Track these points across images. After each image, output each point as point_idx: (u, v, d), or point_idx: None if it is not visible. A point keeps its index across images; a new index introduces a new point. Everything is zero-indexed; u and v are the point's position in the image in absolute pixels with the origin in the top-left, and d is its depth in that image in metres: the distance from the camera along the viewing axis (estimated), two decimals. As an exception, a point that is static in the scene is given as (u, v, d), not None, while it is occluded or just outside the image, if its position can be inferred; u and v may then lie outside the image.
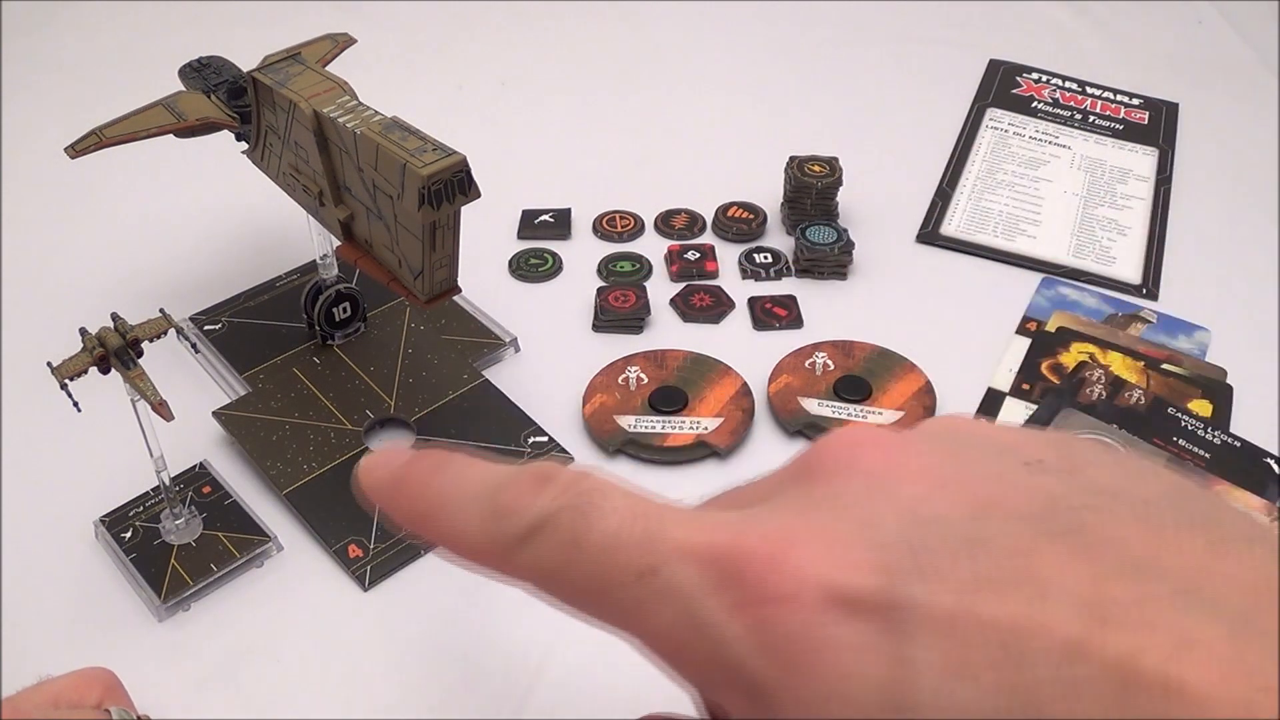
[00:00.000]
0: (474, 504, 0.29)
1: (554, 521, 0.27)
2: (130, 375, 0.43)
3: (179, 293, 0.62)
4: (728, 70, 0.84)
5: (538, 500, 0.27)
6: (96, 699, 0.39)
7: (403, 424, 0.54)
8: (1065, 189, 0.72)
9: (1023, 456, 0.26)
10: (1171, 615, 0.21)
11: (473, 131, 0.74)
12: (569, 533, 0.26)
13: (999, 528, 0.23)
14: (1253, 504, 0.50)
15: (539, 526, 0.27)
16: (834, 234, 0.64)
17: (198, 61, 0.58)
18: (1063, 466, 0.25)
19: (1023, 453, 0.26)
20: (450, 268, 0.46)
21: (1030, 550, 0.23)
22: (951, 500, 0.24)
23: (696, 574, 0.25)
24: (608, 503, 0.27)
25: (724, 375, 0.56)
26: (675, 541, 0.25)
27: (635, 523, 0.26)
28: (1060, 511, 0.24)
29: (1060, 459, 0.26)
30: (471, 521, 0.28)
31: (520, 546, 0.27)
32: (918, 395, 0.55)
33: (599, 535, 0.26)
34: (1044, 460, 0.25)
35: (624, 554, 0.26)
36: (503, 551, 0.28)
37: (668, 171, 0.73)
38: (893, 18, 0.90)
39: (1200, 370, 0.58)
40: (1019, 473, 0.25)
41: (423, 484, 0.31)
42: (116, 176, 0.69)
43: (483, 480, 0.29)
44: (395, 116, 0.45)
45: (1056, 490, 0.24)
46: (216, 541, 0.48)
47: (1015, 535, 0.23)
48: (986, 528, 0.23)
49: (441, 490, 0.30)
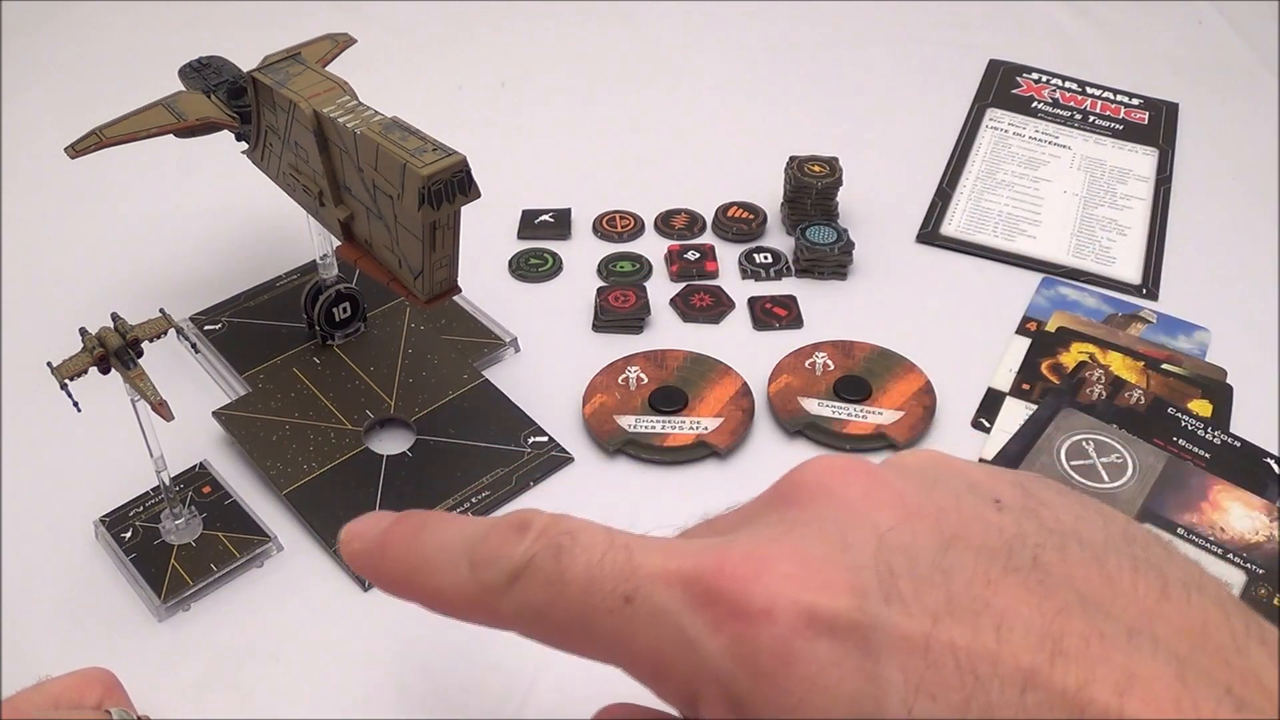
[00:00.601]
0: (455, 559, 0.30)
1: (534, 564, 0.28)
2: (130, 375, 0.43)
3: (179, 293, 0.62)
4: (728, 70, 0.84)
5: (518, 547, 0.28)
6: (96, 699, 0.39)
7: (403, 424, 0.54)
8: (1065, 189, 0.72)
9: (990, 494, 0.27)
10: (1120, 652, 0.23)
11: (473, 131, 0.74)
12: (550, 571, 0.28)
13: (965, 559, 0.25)
14: (1253, 504, 0.50)
15: (520, 571, 0.28)
16: (834, 234, 0.64)
17: (198, 61, 0.58)
18: (1026, 506, 0.27)
19: (990, 491, 0.28)
20: (450, 268, 0.46)
21: (993, 582, 0.24)
22: (922, 531, 0.26)
23: (676, 595, 0.26)
24: (583, 539, 0.28)
25: (724, 375, 0.56)
26: (651, 568, 0.27)
27: (611, 554, 0.27)
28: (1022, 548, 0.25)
29: (1024, 499, 0.27)
30: (454, 576, 0.30)
31: (504, 593, 0.28)
32: (918, 395, 0.55)
33: (578, 569, 0.27)
34: (1009, 499, 0.27)
35: (603, 585, 0.27)
36: (488, 600, 0.29)
37: (668, 171, 0.73)
38: (893, 18, 0.90)
39: (1200, 370, 0.58)
40: (986, 509, 0.27)
41: (404, 548, 0.32)
42: (116, 176, 0.69)
43: (462, 535, 0.30)
44: (395, 116, 0.45)
45: (1019, 528, 0.26)
46: (216, 541, 0.48)
47: (980, 568, 0.25)
48: (953, 559, 0.25)
49: (422, 551, 0.31)
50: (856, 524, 0.26)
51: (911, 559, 0.25)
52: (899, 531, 0.26)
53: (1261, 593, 0.46)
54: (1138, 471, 0.51)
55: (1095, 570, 0.25)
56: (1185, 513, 0.49)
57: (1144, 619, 0.24)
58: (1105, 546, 0.26)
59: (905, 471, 0.29)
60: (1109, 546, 0.26)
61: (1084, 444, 0.53)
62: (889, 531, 0.26)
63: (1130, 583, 0.25)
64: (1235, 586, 0.46)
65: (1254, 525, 0.49)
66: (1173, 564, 0.26)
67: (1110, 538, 0.26)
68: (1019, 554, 0.25)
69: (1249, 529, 0.49)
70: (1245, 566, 0.47)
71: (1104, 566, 0.25)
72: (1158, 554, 0.26)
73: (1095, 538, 0.26)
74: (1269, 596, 0.46)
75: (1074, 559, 0.25)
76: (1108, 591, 0.25)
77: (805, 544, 0.26)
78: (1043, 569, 0.25)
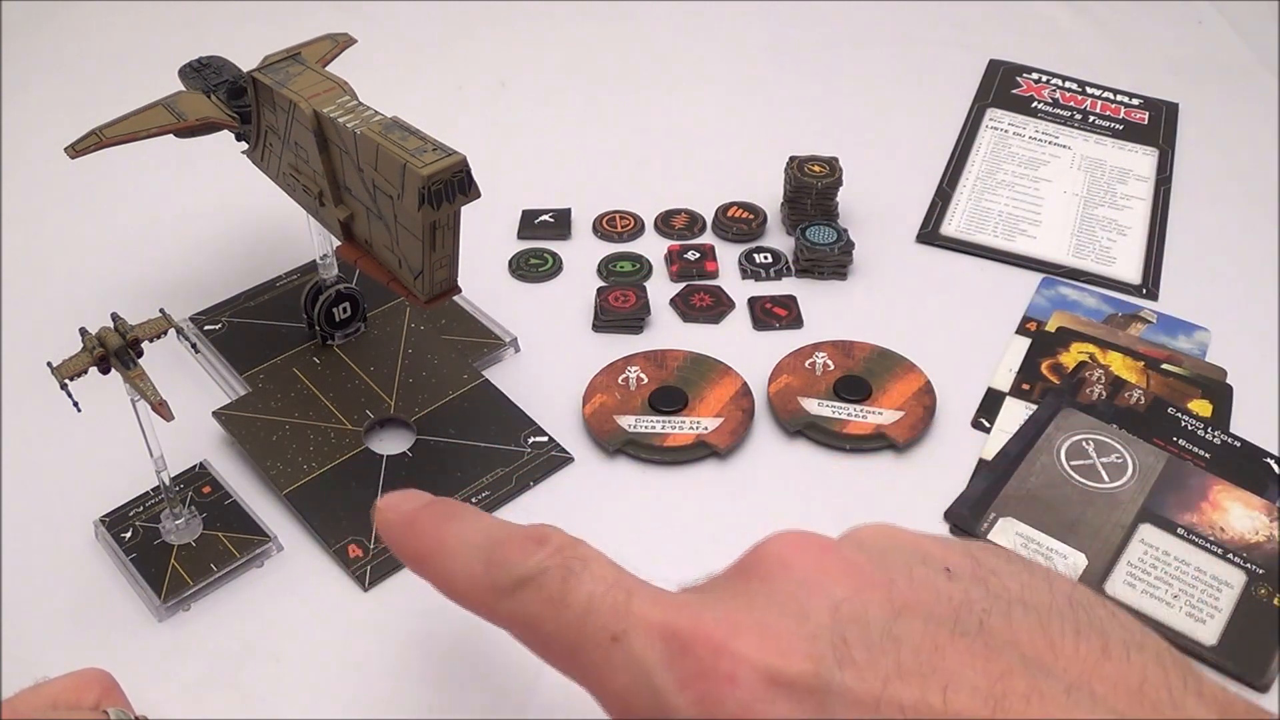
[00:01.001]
0: (473, 553, 0.33)
1: (541, 578, 0.31)
2: (130, 375, 0.43)
3: (179, 293, 0.62)
4: (728, 70, 0.84)
5: (531, 558, 0.31)
6: (94, 700, 0.39)
7: (403, 424, 0.54)
8: (1065, 189, 0.72)
9: (941, 563, 0.30)
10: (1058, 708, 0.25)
11: (473, 131, 0.74)
12: (555, 590, 0.30)
13: (914, 627, 0.27)
14: (1253, 504, 0.50)
15: (527, 580, 0.31)
16: (834, 234, 0.64)
17: (198, 61, 0.58)
18: (974, 574, 0.30)
19: (941, 560, 0.30)
20: (450, 268, 0.46)
21: (940, 647, 0.27)
22: (874, 601, 0.28)
23: (655, 648, 0.28)
24: (592, 569, 0.31)
25: (724, 375, 0.56)
26: (642, 614, 0.29)
27: (612, 592, 0.30)
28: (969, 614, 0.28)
29: (974, 567, 0.30)
30: (468, 568, 0.33)
31: (507, 595, 0.31)
32: (918, 395, 0.55)
33: (579, 597, 0.30)
34: (959, 568, 0.30)
35: (597, 618, 0.29)
36: (490, 598, 0.32)
37: (668, 171, 0.73)
38: (893, 18, 0.90)
39: (1200, 370, 0.58)
40: (936, 579, 0.29)
41: (431, 529, 0.35)
42: (116, 176, 0.69)
43: (485, 533, 0.33)
44: (395, 116, 0.45)
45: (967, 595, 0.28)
46: (216, 541, 0.48)
47: (928, 634, 0.27)
48: (903, 626, 0.27)
49: (446, 536, 0.34)
50: (813, 596, 0.29)
51: (864, 627, 0.27)
52: (852, 602, 0.28)
53: (1262, 593, 0.46)
54: (1138, 471, 0.51)
55: (1039, 633, 0.27)
56: (1185, 513, 0.49)
57: (1084, 677, 0.26)
58: (1049, 610, 0.28)
59: (860, 545, 0.31)
60: (1053, 610, 0.28)
61: (1084, 444, 0.52)
62: (843, 602, 0.28)
63: (1072, 644, 0.27)
64: (1235, 586, 0.46)
65: (1254, 525, 0.49)
66: (1115, 624, 0.28)
67: (1055, 602, 0.28)
68: (966, 620, 0.28)
69: (1249, 529, 0.49)
70: (1245, 566, 0.47)
71: (1047, 629, 0.27)
72: (1100, 616, 0.28)
73: (1040, 602, 0.28)
74: (1269, 596, 0.46)
75: (1018, 623, 0.28)
76: (1049, 653, 0.27)
77: (768, 614, 0.28)
78: (988, 633, 0.27)
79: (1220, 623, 0.45)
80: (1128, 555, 0.48)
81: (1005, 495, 0.50)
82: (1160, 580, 0.47)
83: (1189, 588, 0.46)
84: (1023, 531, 0.49)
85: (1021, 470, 0.51)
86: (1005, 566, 0.30)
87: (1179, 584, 0.47)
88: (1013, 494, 0.50)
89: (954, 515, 0.50)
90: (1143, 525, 0.49)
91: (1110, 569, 0.47)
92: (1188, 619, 0.46)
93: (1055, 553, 0.48)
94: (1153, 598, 0.46)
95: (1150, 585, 0.47)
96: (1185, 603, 0.46)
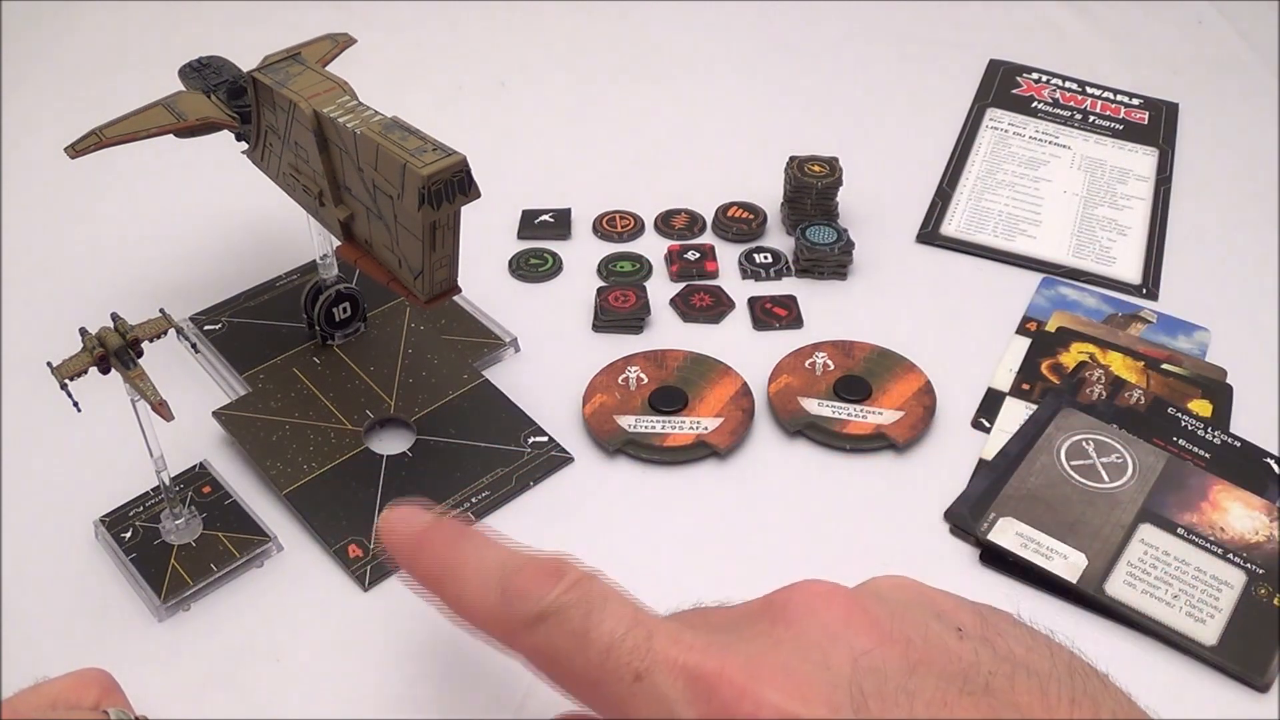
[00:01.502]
0: (488, 579, 0.34)
1: (564, 614, 0.32)
2: (130, 375, 0.43)
3: (179, 293, 0.62)
4: (728, 70, 0.84)
5: (550, 591, 0.32)
6: (94, 700, 0.39)
7: (403, 424, 0.54)
8: (1065, 189, 0.72)
9: (954, 623, 0.32)
10: None
11: (473, 131, 0.74)
12: (577, 626, 0.31)
13: (928, 683, 0.29)
14: (1253, 504, 0.50)
15: (548, 615, 0.32)
16: (834, 234, 0.64)
17: (198, 61, 0.58)
18: (985, 635, 0.32)
19: (954, 619, 0.32)
20: (450, 268, 0.46)
21: (949, 704, 0.29)
22: (892, 656, 0.30)
23: (679, 686, 0.30)
24: (611, 607, 0.32)
25: (724, 375, 0.56)
26: (664, 654, 0.30)
27: (635, 631, 0.31)
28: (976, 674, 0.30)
29: (983, 628, 0.32)
30: (483, 595, 0.34)
31: (530, 627, 0.32)
32: (918, 395, 0.55)
33: (603, 634, 0.31)
34: (970, 627, 0.32)
35: (620, 656, 0.30)
36: (511, 629, 0.33)
37: (668, 171, 0.73)
38: (893, 18, 0.90)
39: (1200, 370, 0.58)
40: (948, 638, 0.31)
41: (442, 552, 0.36)
42: (116, 176, 0.69)
43: (498, 560, 0.34)
44: (395, 116, 0.45)
45: (976, 656, 0.31)
46: (216, 541, 0.48)
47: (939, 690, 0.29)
48: (917, 682, 0.29)
49: (458, 562, 0.35)
50: (836, 646, 0.30)
51: (881, 680, 0.29)
52: (872, 656, 0.30)
53: (1262, 592, 0.46)
54: (1138, 471, 0.51)
55: (1038, 697, 0.29)
56: (1185, 513, 0.49)
57: None
58: (1049, 676, 0.30)
59: (880, 598, 0.33)
60: (1053, 676, 0.30)
61: (1084, 444, 0.52)
62: (863, 655, 0.30)
63: (1067, 710, 0.29)
64: (1235, 586, 0.46)
65: (1254, 525, 0.49)
66: (1106, 695, 0.31)
67: (1055, 669, 0.31)
68: (974, 679, 0.30)
69: (1249, 529, 0.49)
70: (1245, 566, 0.47)
71: (1046, 694, 0.30)
72: (1095, 686, 0.31)
73: (1042, 668, 0.31)
74: (1269, 596, 0.46)
75: (1021, 686, 0.30)
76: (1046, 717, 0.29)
77: (792, 660, 0.30)
78: (993, 693, 0.29)
79: (1220, 623, 0.45)
80: (1128, 555, 0.48)
81: (1005, 495, 0.50)
82: (1160, 580, 0.47)
83: (1189, 588, 0.46)
84: (1023, 531, 0.49)
85: (1021, 470, 0.51)
86: (1011, 629, 0.32)
87: (1179, 584, 0.47)
88: (1013, 494, 0.50)
89: (954, 515, 0.50)
90: (1143, 525, 0.49)
91: (1110, 569, 0.47)
92: (1188, 619, 0.46)
93: (1055, 552, 0.48)
94: (1153, 598, 0.46)
95: (1150, 585, 0.47)
96: (1185, 603, 0.46)
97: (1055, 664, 0.31)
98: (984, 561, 0.49)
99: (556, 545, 0.49)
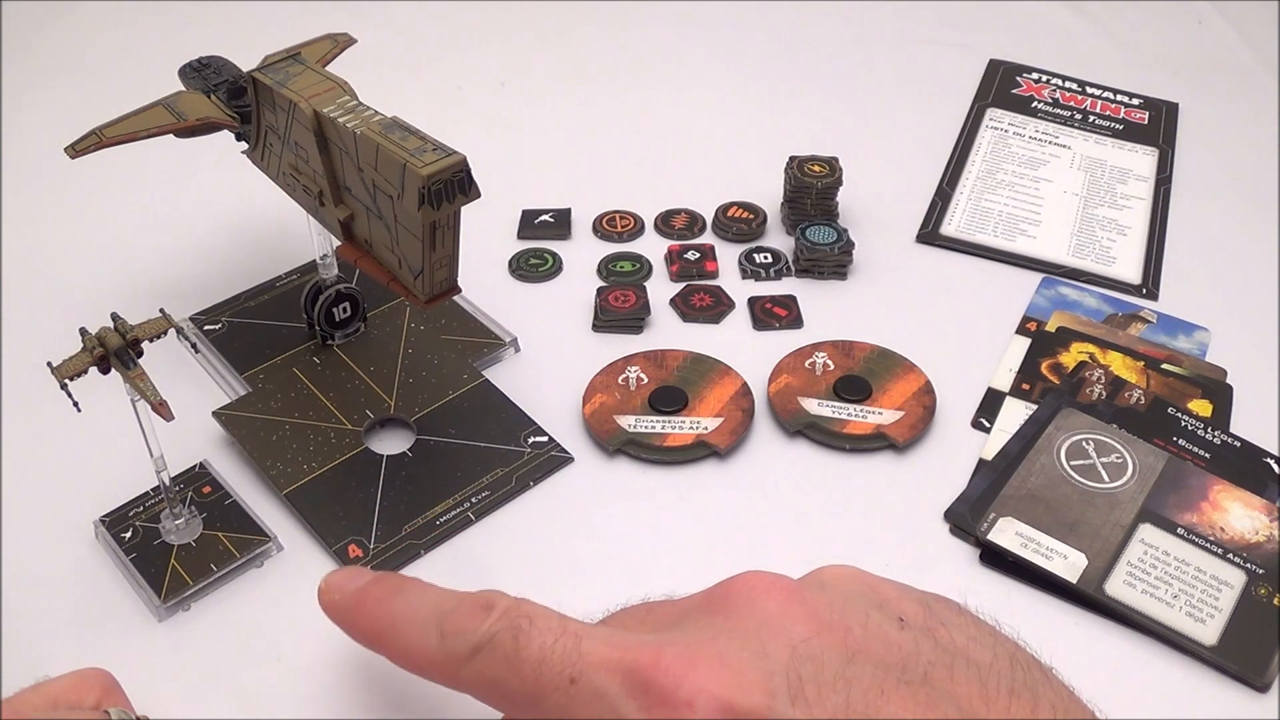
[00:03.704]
0: (425, 626, 0.35)
1: (495, 641, 0.33)
2: (130, 375, 0.43)
3: (179, 293, 0.62)
4: (728, 70, 0.84)
5: (482, 624, 0.33)
6: (94, 700, 0.39)
7: (403, 424, 0.54)
8: (1065, 189, 0.72)
9: (896, 612, 0.32)
10: None
11: (473, 131, 0.74)
12: (509, 649, 0.32)
13: (864, 672, 0.30)
14: (1253, 504, 0.50)
15: (481, 646, 0.33)
16: (834, 234, 0.64)
17: (198, 61, 0.58)
18: (927, 625, 0.32)
19: (897, 609, 0.32)
20: (450, 268, 0.46)
21: (886, 692, 0.29)
22: (830, 644, 0.30)
23: (615, 681, 0.30)
24: (539, 624, 0.32)
25: (724, 375, 0.56)
26: (595, 656, 0.31)
27: (562, 640, 0.32)
28: (916, 664, 0.30)
29: (926, 618, 0.32)
30: (423, 641, 0.35)
31: (466, 662, 0.33)
32: (917, 395, 0.55)
33: (532, 650, 0.32)
34: (912, 617, 0.32)
35: (553, 666, 0.31)
36: (450, 666, 0.34)
37: (668, 171, 0.73)
38: (893, 18, 0.90)
39: (1200, 370, 0.58)
40: (889, 627, 0.32)
41: (378, 607, 0.37)
42: (116, 176, 0.69)
43: (433, 606, 0.35)
44: (395, 116, 0.45)
45: (916, 646, 0.31)
46: (216, 541, 0.48)
47: (876, 679, 0.29)
48: (855, 670, 0.30)
49: (396, 614, 0.36)
50: (774, 634, 0.31)
51: (818, 668, 0.30)
52: (810, 644, 0.30)
53: (1262, 592, 0.46)
54: (1138, 471, 0.51)
55: (977, 689, 0.30)
56: (1185, 513, 0.49)
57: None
58: (990, 668, 0.31)
59: (823, 587, 0.33)
60: (993, 668, 0.31)
61: (1084, 444, 0.53)
62: (801, 643, 0.30)
63: (1005, 702, 0.30)
64: (1235, 586, 0.46)
65: (1254, 525, 0.49)
66: (1048, 688, 0.31)
67: (996, 660, 0.31)
68: (912, 669, 0.30)
69: (1249, 529, 0.49)
70: (1245, 566, 0.47)
71: (985, 685, 0.30)
72: (1036, 678, 0.31)
73: (982, 659, 0.31)
74: (1269, 596, 0.46)
75: (960, 677, 0.30)
76: (984, 708, 0.29)
77: (729, 648, 0.30)
78: (930, 684, 0.30)
79: (1220, 623, 0.45)
80: (1128, 555, 0.48)
81: (1005, 495, 0.50)
82: (1160, 580, 0.47)
83: (1189, 588, 0.46)
84: (1022, 531, 0.49)
85: (1021, 470, 0.51)
86: (955, 619, 0.33)
87: (1179, 584, 0.47)
88: (1013, 494, 0.50)
89: (954, 515, 0.50)
90: (1143, 525, 0.49)
91: (1110, 569, 0.47)
92: (1188, 619, 0.46)
93: (1055, 552, 0.48)
94: (1153, 598, 0.46)
95: (1150, 585, 0.47)
96: (1185, 603, 0.46)
97: (997, 655, 0.31)
98: (984, 561, 0.49)
99: (557, 545, 0.49)
